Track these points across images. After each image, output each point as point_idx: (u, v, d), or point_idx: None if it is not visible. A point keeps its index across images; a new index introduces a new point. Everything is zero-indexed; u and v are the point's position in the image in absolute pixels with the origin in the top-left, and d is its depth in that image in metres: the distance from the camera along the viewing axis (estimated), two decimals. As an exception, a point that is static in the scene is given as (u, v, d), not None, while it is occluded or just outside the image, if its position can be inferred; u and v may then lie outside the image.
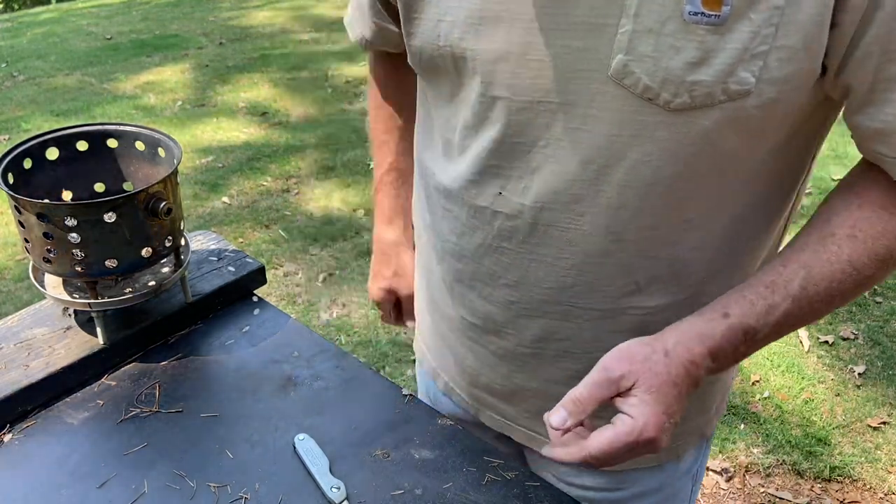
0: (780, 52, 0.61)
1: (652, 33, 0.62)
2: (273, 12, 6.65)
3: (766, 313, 0.68)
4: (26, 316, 1.10)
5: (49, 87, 4.94)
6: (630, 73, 0.64)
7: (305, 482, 0.87)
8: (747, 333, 0.68)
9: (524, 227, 0.76)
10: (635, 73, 0.64)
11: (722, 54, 0.61)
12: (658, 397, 0.66)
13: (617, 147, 0.68)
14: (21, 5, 10.21)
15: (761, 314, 0.68)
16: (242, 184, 3.54)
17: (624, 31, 0.63)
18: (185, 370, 1.04)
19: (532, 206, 0.75)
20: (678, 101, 0.63)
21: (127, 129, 1.09)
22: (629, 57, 0.63)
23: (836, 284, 0.68)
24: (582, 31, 0.65)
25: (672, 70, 0.62)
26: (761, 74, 0.62)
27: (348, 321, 2.59)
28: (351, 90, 4.64)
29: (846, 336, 2.46)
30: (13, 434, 0.94)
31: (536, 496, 0.85)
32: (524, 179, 0.74)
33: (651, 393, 0.66)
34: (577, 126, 0.68)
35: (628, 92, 0.65)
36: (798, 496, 1.93)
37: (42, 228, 0.93)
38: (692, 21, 0.60)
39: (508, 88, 0.71)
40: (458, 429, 0.94)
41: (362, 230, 3.13)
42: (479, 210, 0.79)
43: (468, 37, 0.71)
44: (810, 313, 0.69)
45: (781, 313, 0.68)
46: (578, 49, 0.65)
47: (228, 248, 1.24)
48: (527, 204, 0.75)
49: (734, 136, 0.66)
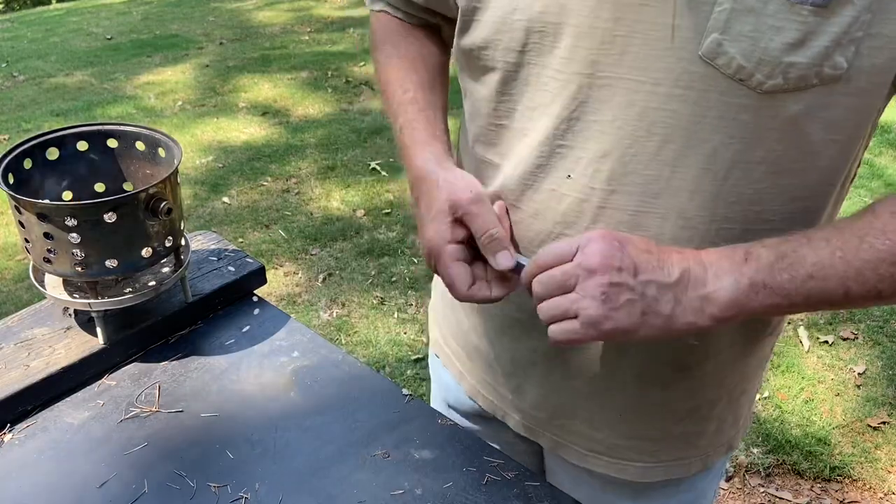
0: (873, 39, 0.61)
1: (752, 13, 0.61)
2: (273, 12, 6.65)
3: (789, 266, 0.64)
4: (26, 316, 1.10)
5: (49, 87, 4.94)
6: (724, 52, 0.63)
7: (305, 482, 0.87)
8: (762, 287, 0.65)
9: (591, 211, 0.73)
10: (729, 53, 0.63)
11: (822, 37, 0.61)
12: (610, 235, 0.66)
13: (700, 129, 0.66)
14: (21, 5, 10.21)
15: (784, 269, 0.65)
16: (242, 184, 3.54)
17: (722, 10, 0.62)
18: (185, 370, 1.04)
19: (603, 190, 0.72)
20: (771, 83, 0.63)
21: (127, 129, 1.09)
22: (724, 36, 0.62)
23: (866, 248, 0.63)
24: (674, 7, 0.64)
25: (770, 51, 0.62)
26: (854, 61, 0.61)
27: (348, 321, 2.59)
28: (351, 90, 4.64)
29: (846, 336, 2.46)
30: (13, 434, 0.94)
31: (536, 496, 0.85)
32: (595, 161, 0.71)
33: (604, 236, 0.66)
34: (657, 106, 0.67)
35: (718, 72, 0.63)
36: (798, 496, 1.93)
37: (42, 228, 0.93)
38: (797, 1, 0.60)
39: (592, 65, 0.68)
40: (459, 429, 0.94)
41: (362, 230, 3.13)
42: (542, 195, 0.76)
43: (551, 9, 0.69)
44: (830, 285, 0.64)
45: (804, 274, 0.64)
46: (668, 26, 0.64)
47: (228, 248, 1.24)
48: (597, 187, 0.72)
49: (819, 125, 0.65)
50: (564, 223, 0.75)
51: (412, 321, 2.58)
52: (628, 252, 0.66)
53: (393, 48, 0.91)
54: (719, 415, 0.88)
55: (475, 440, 0.93)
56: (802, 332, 2.47)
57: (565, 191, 0.74)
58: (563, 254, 0.67)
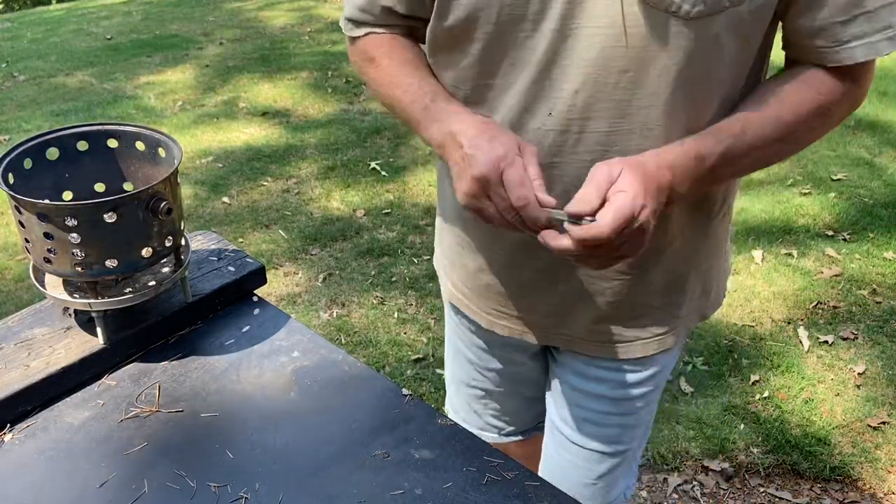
0: None
1: None
2: (274, 13, 6.65)
3: (713, 144, 0.85)
4: (26, 316, 1.11)
5: (49, 88, 4.94)
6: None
7: (305, 482, 0.87)
8: (699, 157, 0.85)
9: (573, 138, 0.89)
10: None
11: None
12: (641, 177, 0.80)
13: (647, 56, 0.82)
14: (21, 5, 10.22)
15: (709, 145, 0.85)
16: (242, 184, 3.54)
17: None
18: (185, 370, 1.04)
19: (580, 119, 0.87)
20: (696, 10, 0.79)
21: (127, 129, 1.09)
22: None
23: (769, 129, 0.88)
24: None
25: None
26: None
27: (348, 321, 2.59)
28: (351, 90, 4.64)
29: (846, 336, 2.46)
30: (13, 434, 0.94)
31: (536, 496, 0.85)
32: (571, 98, 0.86)
33: (634, 173, 0.80)
34: (612, 44, 0.82)
35: (655, 9, 0.79)
36: (798, 496, 1.93)
37: (42, 228, 0.93)
38: None
39: (559, 20, 0.83)
40: (459, 428, 0.94)
41: (362, 230, 3.13)
42: (530, 134, 0.90)
43: None
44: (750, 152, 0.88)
45: (725, 146, 0.86)
46: None
47: (228, 248, 1.24)
48: (574, 118, 0.87)
49: (734, 38, 0.83)
50: (552, 153, 0.90)
51: (412, 321, 2.58)
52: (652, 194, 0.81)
53: (387, 58, 1.00)
54: (691, 287, 1.07)
55: (475, 440, 0.93)
56: (802, 332, 2.47)
57: (549, 126, 0.89)
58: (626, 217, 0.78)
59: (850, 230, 3.02)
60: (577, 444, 1.18)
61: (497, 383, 1.26)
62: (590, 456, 1.18)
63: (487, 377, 1.26)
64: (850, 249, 2.89)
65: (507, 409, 1.31)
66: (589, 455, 1.18)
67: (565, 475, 1.21)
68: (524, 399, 1.31)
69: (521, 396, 1.30)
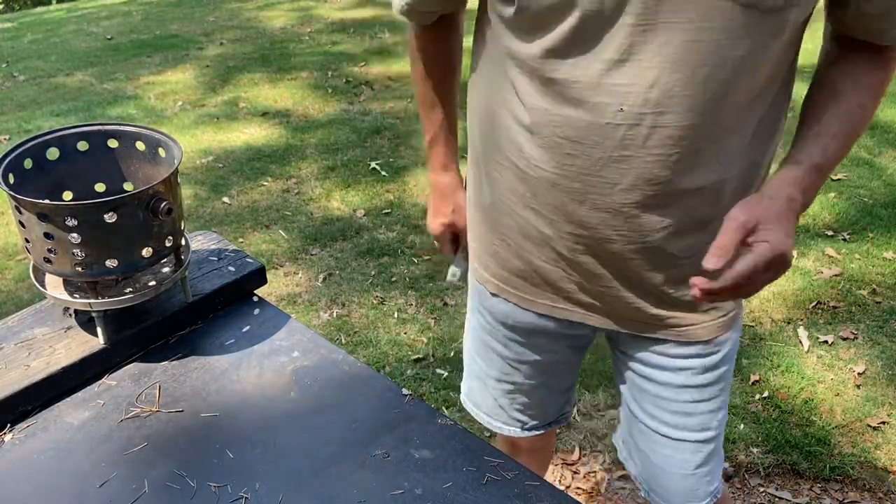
0: None
1: None
2: (274, 13, 6.65)
3: (823, 151, 0.91)
4: (27, 316, 1.11)
5: (50, 88, 4.94)
6: None
7: (305, 482, 0.87)
8: (818, 168, 0.91)
9: (644, 133, 0.89)
10: None
11: None
12: (779, 225, 0.86)
13: (723, 49, 0.84)
14: (22, 5, 10.22)
15: (821, 153, 0.91)
16: (243, 184, 3.54)
17: None
18: (186, 370, 1.04)
19: (653, 113, 0.88)
20: (772, 3, 0.82)
21: (127, 129, 1.09)
22: None
23: (855, 119, 0.94)
24: None
25: None
26: None
27: (348, 321, 2.59)
28: (351, 90, 4.64)
29: (846, 336, 2.46)
30: (13, 434, 0.94)
31: (536, 496, 0.85)
32: (644, 92, 0.87)
33: (774, 222, 0.85)
34: (691, 38, 0.83)
35: (735, 4, 0.81)
36: (798, 496, 1.93)
37: (43, 228, 0.93)
38: None
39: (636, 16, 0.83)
40: (458, 428, 0.94)
41: (362, 230, 3.13)
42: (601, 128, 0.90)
43: None
44: (846, 145, 0.94)
45: (832, 149, 0.92)
46: None
47: (228, 248, 1.24)
48: (647, 112, 0.88)
49: (794, 31, 0.87)
50: (622, 146, 0.91)
51: (412, 321, 2.58)
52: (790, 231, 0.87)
53: (422, 79, 1.19)
54: None
55: (475, 440, 0.93)
56: (802, 332, 2.47)
57: (619, 121, 0.89)
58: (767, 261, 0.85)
59: (850, 230, 3.02)
60: (670, 438, 1.19)
61: (529, 375, 1.27)
62: (685, 447, 1.18)
63: (520, 370, 1.27)
64: (849, 249, 2.89)
65: (535, 403, 1.33)
66: (684, 446, 1.18)
67: (665, 471, 1.21)
68: (553, 392, 1.33)
69: (551, 389, 1.32)
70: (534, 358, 1.25)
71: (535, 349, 1.23)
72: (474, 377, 1.36)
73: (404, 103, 4.38)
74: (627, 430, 1.28)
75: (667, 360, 1.13)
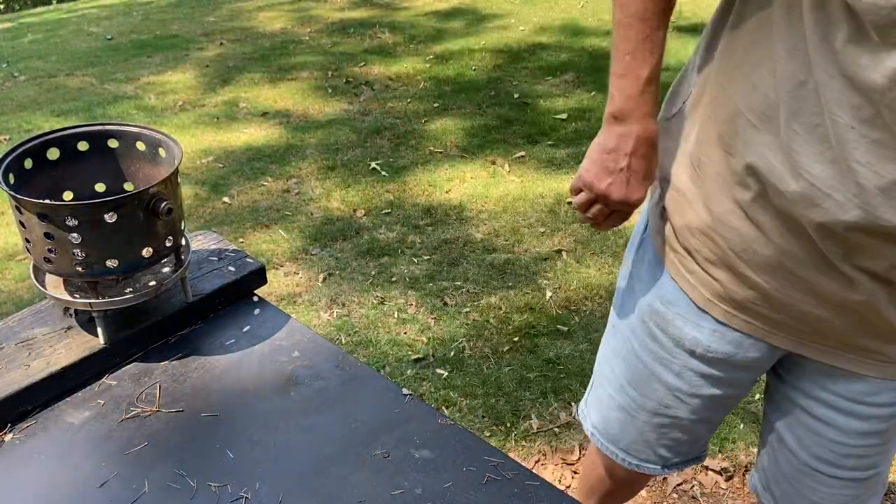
0: None
1: None
2: (274, 13, 6.65)
3: None
4: (27, 316, 1.11)
5: (50, 88, 4.94)
6: None
7: (305, 482, 0.87)
8: None
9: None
10: None
11: None
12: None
13: None
14: (22, 5, 10.22)
15: None
16: (243, 184, 3.54)
17: None
18: (186, 370, 1.04)
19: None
20: None
21: (128, 129, 1.09)
22: None
23: None
24: None
25: None
26: None
27: (348, 321, 2.59)
28: (351, 90, 4.64)
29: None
30: (13, 434, 0.94)
31: (536, 496, 0.85)
32: None
33: None
34: None
35: None
36: (798, 496, 1.93)
37: (43, 228, 0.94)
38: None
39: None
40: (458, 429, 0.94)
41: (362, 230, 3.13)
42: None
43: None
44: None
45: None
46: None
47: (229, 248, 1.24)
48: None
49: None
50: None
51: (412, 321, 2.58)
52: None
53: None
54: None
55: (475, 440, 0.93)
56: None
57: None
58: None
59: None
60: (839, 478, 1.09)
61: (695, 410, 1.12)
62: (846, 484, 1.09)
63: (688, 404, 1.11)
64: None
65: (689, 439, 1.19)
66: (846, 483, 1.09)
67: None
68: (711, 427, 1.19)
69: (712, 424, 1.18)
70: (710, 392, 1.09)
71: (715, 382, 1.07)
72: (617, 408, 1.19)
73: (404, 103, 4.38)
74: (774, 460, 1.14)
75: (858, 406, 1.00)
